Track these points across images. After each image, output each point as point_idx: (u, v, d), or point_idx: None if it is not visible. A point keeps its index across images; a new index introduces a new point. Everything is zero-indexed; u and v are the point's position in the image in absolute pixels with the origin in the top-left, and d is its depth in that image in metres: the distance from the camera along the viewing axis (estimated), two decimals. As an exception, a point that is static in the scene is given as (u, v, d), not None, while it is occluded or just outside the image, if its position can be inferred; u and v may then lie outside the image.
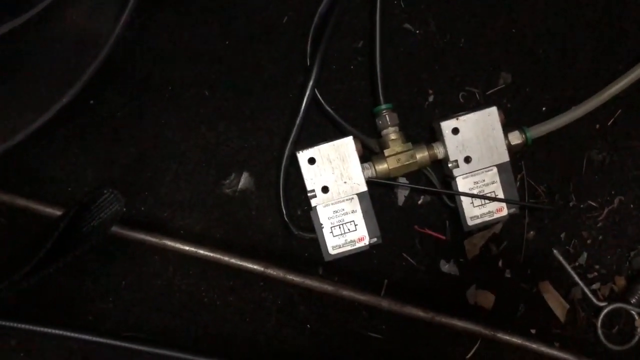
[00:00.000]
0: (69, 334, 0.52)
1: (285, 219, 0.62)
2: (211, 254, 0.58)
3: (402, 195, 0.65)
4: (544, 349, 0.60)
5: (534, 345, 0.60)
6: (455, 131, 0.61)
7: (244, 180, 0.64)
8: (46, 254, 0.41)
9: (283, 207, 0.62)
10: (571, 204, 0.65)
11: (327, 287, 0.59)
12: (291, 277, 0.58)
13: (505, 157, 0.62)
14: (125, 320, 0.62)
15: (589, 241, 0.65)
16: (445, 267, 0.65)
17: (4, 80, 0.46)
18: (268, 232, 0.64)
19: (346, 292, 0.59)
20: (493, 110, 0.61)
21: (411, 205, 0.65)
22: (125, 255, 0.61)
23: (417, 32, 0.65)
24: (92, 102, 0.62)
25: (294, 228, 0.62)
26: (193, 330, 0.62)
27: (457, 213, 0.62)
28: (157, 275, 0.62)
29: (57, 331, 0.51)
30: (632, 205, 0.65)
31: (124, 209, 0.45)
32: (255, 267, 0.58)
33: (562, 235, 0.65)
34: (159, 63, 0.63)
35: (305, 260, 0.64)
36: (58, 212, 0.55)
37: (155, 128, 0.63)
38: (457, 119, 0.61)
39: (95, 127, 0.62)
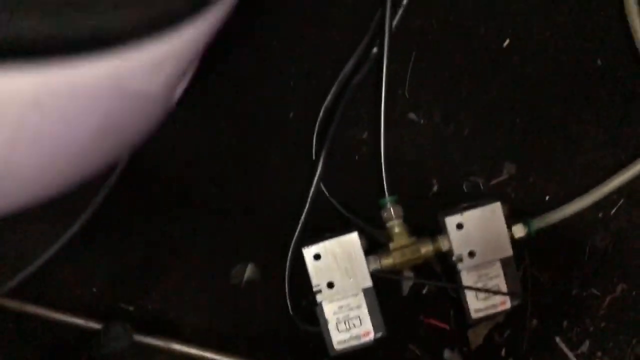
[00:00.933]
0: None
1: (291, 313, 0.62)
2: (217, 357, 0.58)
3: (407, 285, 0.65)
4: None
5: None
6: (460, 226, 0.62)
7: (250, 271, 0.64)
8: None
9: (289, 302, 0.63)
10: (574, 292, 0.66)
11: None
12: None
13: (508, 252, 0.62)
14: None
15: (591, 329, 0.66)
16: (450, 356, 0.65)
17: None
18: (274, 324, 0.64)
19: (351, 392, 0.60)
20: (497, 206, 0.62)
21: (416, 295, 0.65)
22: (133, 355, 0.62)
23: (422, 122, 0.65)
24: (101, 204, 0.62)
25: (300, 322, 0.62)
26: None
27: (461, 303, 0.63)
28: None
29: None
30: (634, 293, 0.66)
31: (131, 342, 0.45)
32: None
33: (565, 323, 0.66)
34: (168, 159, 0.63)
35: (311, 351, 0.64)
36: (65, 318, 0.56)
37: (163, 225, 0.63)
38: (462, 214, 0.62)
39: (104, 226, 0.62)
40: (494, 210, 0.62)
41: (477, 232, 0.62)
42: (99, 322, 0.56)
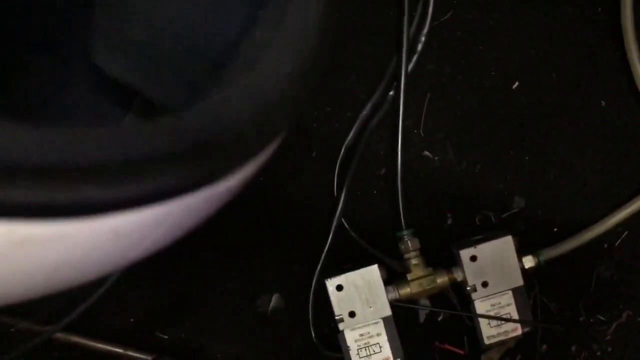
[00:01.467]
0: None
1: (315, 340, 0.66)
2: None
3: (423, 313, 0.69)
4: None
5: None
6: (474, 258, 0.66)
7: (275, 300, 0.68)
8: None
9: (312, 329, 0.66)
10: (581, 318, 0.70)
11: (356, 412, 0.63)
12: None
13: (519, 282, 0.66)
14: None
15: (598, 353, 0.70)
16: (464, 380, 0.69)
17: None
18: (298, 351, 0.68)
19: (373, 415, 0.64)
20: (508, 239, 0.66)
21: (432, 322, 0.69)
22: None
23: (436, 159, 0.70)
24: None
25: (323, 349, 0.66)
26: None
27: (475, 330, 0.67)
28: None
29: None
30: (639, 319, 0.70)
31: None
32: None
33: (573, 348, 0.70)
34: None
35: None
36: (109, 348, 0.60)
37: (194, 263, 0.67)
38: (475, 247, 0.66)
39: (140, 262, 0.66)
40: (506, 243, 0.66)
41: (490, 263, 0.66)
42: (139, 352, 0.60)
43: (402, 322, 0.68)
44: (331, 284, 0.65)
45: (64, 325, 0.48)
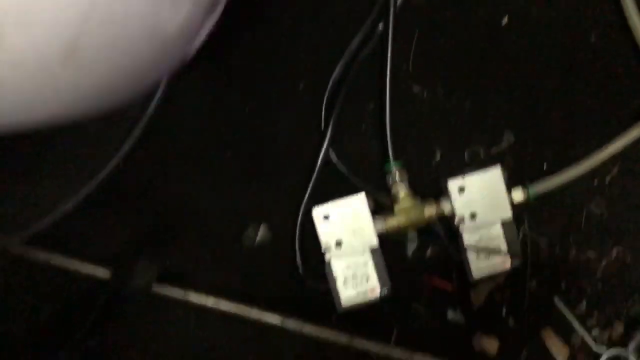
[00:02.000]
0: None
1: (301, 272, 0.66)
2: (232, 308, 0.62)
3: (411, 247, 0.69)
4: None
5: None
6: (462, 189, 0.65)
7: (262, 233, 0.68)
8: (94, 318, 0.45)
9: (299, 260, 0.66)
10: (571, 255, 0.69)
11: (341, 339, 0.63)
12: (308, 329, 0.62)
13: (508, 213, 0.66)
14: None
15: (588, 290, 0.69)
16: (452, 315, 0.69)
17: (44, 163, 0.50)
18: (285, 283, 0.68)
19: (359, 342, 0.63)
20: (497, 170, 0.65)
21: (420, 257, 0.69)
22: (149, 308, 0.66)
23: (425, 94, 0.69)
24: (120, 165, 0.67)
25: (309, 280, 0.66)
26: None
27: (463, 265, 0.66)
28: (180, 328, 0.66)
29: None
30: (629, 256, 0.69)
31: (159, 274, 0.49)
32: (274, 320, 0.63)
33: (563, 284, 0.69)
34: (184, 126, 0.68)
35: (320, 306, 0.68)
36: (90, 270, 0.60)
37: (179, 186, 0.67)
38: (464, 178, 0.65)
39: (123, 186, 0.67)
40: (495, 174, 0.65)
41: (478, 194, 0.65)
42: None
43: (389, 257, 0.68)
44: (318, 212, 0.65)
45: (21, 239, 0.47)
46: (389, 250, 0.68)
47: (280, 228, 0.68)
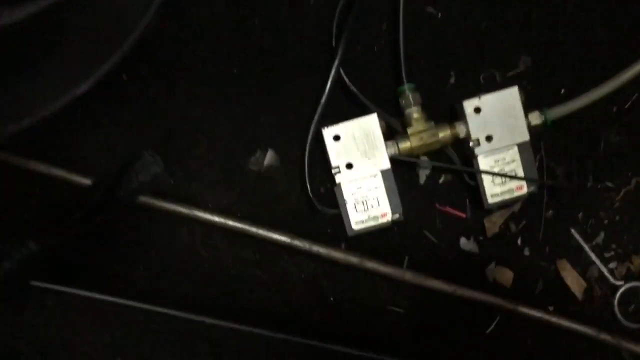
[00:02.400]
0: (103, 297, 0.53)
1: (310, 194, 0.63)
2: (239, 225, 0.60)
3: (423, 174, 0.66)
4: (564, 322, 0.61)
5: (555, 319, 0.61)
6: (478, 110, 0.63)
7: (270, 157, 0.65)
8: (84, 215, 0.42)
9: (307, 183, 0.63)
10: (589, 184, 0.67)
11: (352, 259, 0.60)
12: (317, 249, 0.60)
13: (525, 136, 0.63)
14: (154, 288, 0.63)
15: (606, 221, 0.67)
16: (465, 244, 0.66)
17: (48, 50, 0.47)
18: (292, 209, 0.65)
19: (370, 264, 0.61)
20: (514, 91, 0.63)
21: (432, 184, 0.66)
22: (155, 226, 0.63)
23: (440, 15, 0.67)
24: (125, 77, 0.64)
25: (318, 204, 0.63)
26: (222, 299, 0.63)
27: (477, 191, 0.64)
28: (185, 247, 0.64)
29: (91, 294, 0.52)
30: (648, 186, 0.67)
31: (164, 171, 0.46)
32: (282, 238, 0.60)
33: (580, 215, 0.67)
34: (190, 41, 0.65)
35: (329, 236, 0.65)
36: (88, 181, 0.57)
37: (185, 103, 0.64)
38: (479, 98, 0.63)
39: (128, 101, 0.64)
40: (511, 95, 0.63)
41: (495, 116, 0.63)
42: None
43: (401, 184, 0.65)
44: (328, 133, 0.62)
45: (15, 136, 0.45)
46: (400, 177, 0.65)
47: (288, 150, 0.65)
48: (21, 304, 0.58)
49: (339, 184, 0.62)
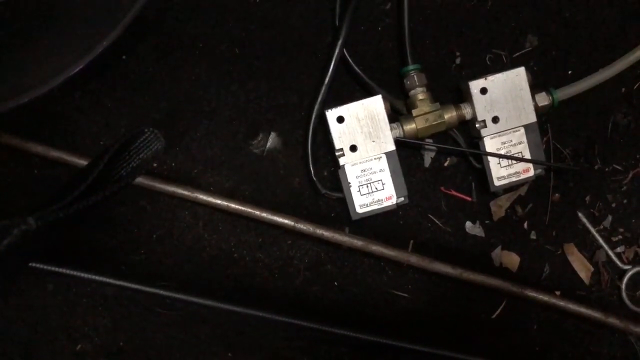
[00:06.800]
0: (104, 279, 0.52)
1: (313, 177, 0.62)
2: (242, 208, 0.59)
3: (428, 157, 0.65)
4: (571, 306, 0.61)
5: (561, 303, 0.60)
6: (484, 91, 0.62)
7: (272, 140, 0.64)
8: (84, 193, 0.41)
9: (311, 166, 0.62)
10: (596, 167, 0.66)
11: (357, 242, 0.59)
12: (321, 232, 0.59)
13: (532, 118, 0.62)
14: (156, 271, 0.62)
15: (613, 204, 0.66)
16: (471, 228, 0.65)
17: (46, 26, 0.46)
18: (295, 192, 0.64)
19: (375, 248, 0.60)
20: (521, 71, 0.62)
21: (437, 167, 0.65)
22: (156, 209, 0.62)
23: (445, -6, 0.65)
24: (124, 57, 0.63)
25: (321, 187, 0.62)
26: (224, 283, 0.63)
27: (483, 174, 0.63)
28: (188, 230, 0.63)
29: (93, 276, 0.52)
30: (657, 169, 0.66)
31: (164, 148, 0.45)
32: (286, 221, 0.59)
33: (587, 198, 0.66)
34: (191, 20, 0.63)
35: (332, 220, 0.64)
36: (84, 161, 0.56)
37: (187, 84, 0.63)
38: (486, 79, 0.62)
39: (128, 82, 0.62)
40: (518, 75, 0.62)
41: (501, 97, 0.62)
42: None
43: (406, 166, 0.64)
44: (332, 115, 0.61)
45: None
46: (405, 160, 0.64)
47: (290, 133, 0.64)
48: (21, 286, 0.57)
49: (343, 166, 0.61)
